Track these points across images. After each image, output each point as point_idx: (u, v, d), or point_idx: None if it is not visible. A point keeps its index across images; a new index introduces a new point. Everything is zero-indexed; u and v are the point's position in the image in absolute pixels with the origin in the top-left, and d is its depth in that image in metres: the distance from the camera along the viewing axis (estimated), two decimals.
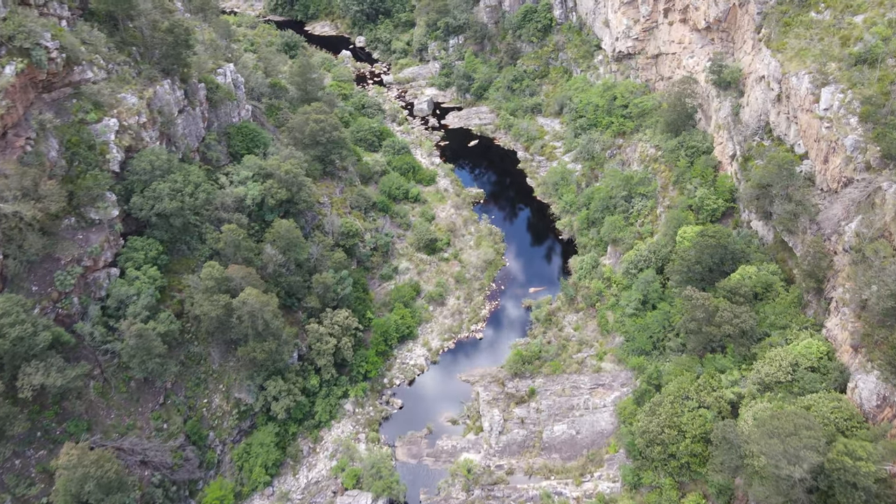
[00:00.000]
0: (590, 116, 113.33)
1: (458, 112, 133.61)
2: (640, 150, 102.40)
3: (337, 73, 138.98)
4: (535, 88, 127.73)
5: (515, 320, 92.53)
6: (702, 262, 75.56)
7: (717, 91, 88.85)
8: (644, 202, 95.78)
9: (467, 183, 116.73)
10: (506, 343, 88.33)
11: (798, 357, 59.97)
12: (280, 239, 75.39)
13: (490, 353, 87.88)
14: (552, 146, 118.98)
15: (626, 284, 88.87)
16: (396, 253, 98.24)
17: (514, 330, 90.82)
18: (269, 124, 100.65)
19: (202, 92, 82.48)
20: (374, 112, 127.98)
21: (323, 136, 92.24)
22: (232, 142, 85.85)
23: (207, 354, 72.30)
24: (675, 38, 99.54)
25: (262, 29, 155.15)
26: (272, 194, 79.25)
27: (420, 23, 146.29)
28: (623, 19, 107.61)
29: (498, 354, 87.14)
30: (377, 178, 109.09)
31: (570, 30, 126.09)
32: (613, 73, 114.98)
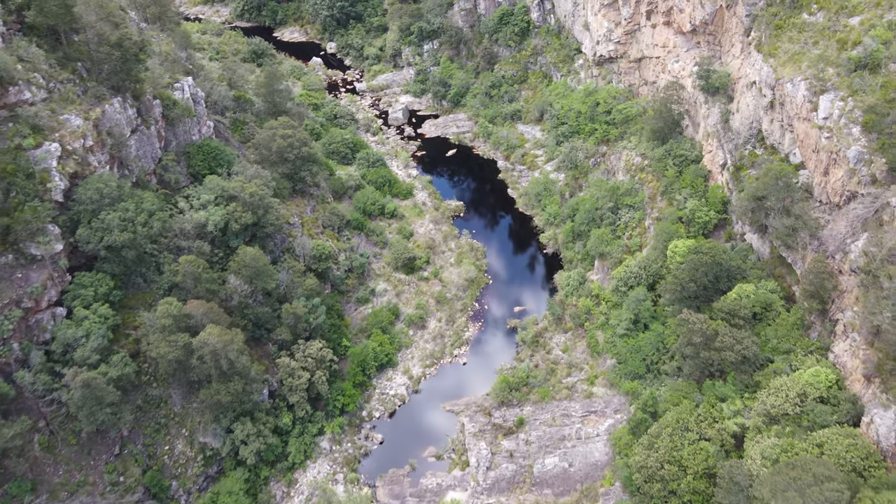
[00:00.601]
0: (572, 123, 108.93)
1: (434, 120, 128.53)
2: (626, 159, 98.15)
3: (307, 81, 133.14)
4: (513, 94, 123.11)
5: (501, 342, 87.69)
6: (696, 281, 71.29)
7: (705, 97, 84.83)
8: (631, 214, 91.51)
9: (446, 195, 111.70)
10: (491, 368, 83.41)
11: (805, 387, 55.82)
12: (245, 268, 69.69)
13: (475, 379, 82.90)
14: (533, 154, 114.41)
15: (615, 302, 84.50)
16: (373, 274, 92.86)
17: (499, 353, 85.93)
18: (234, 140, 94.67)
19: (157, 109, 76.42)
20: (347, 122, 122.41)
21: (291, 153, 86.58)
22: (192, 161, 79.85)
23: (168, 397, 66.38)
24: (659, 42, 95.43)
25: (228, 36, 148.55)
26: (236, 219, 73.49)
27: (393, 27, 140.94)
28: (603, 22, 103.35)
29: (483, 380, 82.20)
30: (351, 193, 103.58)
31: (548, 33, 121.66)
32: (595, 77, 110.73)
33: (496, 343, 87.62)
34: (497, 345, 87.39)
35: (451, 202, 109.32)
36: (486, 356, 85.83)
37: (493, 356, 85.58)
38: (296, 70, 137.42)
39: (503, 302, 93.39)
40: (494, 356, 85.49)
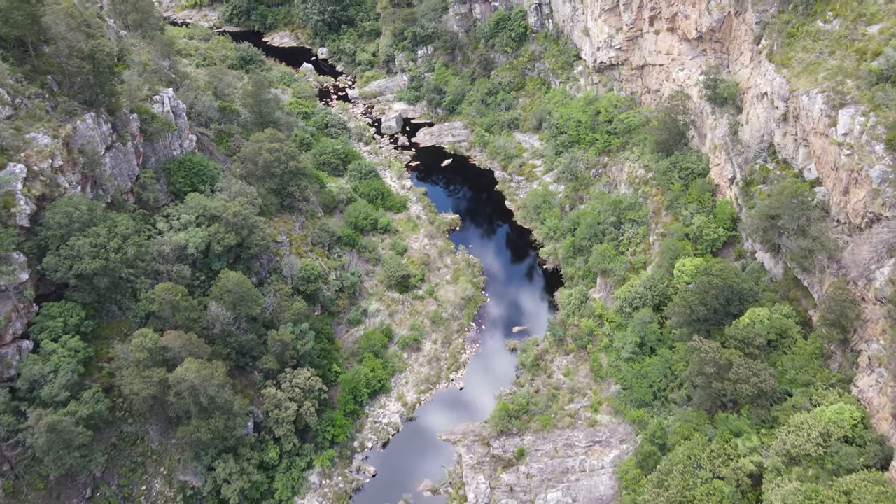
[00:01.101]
0: (571, 133, 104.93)
1: (429, 128, 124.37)
2: (628, 171, 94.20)
3: (298, 88, 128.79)
4: (511, 102, 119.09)
5: (499, 365, 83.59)
6: (706, 304, 67.34)
7: (713, 108, 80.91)
8: (635, 229, 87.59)
9: (442, 207, 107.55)
10: (490, 393, 79.35)
11: (829, 425, 51.89)
12: (228, 294, 65.45)
13: (472, 405, 78.81)
14: (532, 165, 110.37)
15: (619, 323, 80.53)
16: (365, 293, 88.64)
17: (498, 377, 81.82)
18: (219, 153, 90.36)
19: (135, 124, 72.14)
20: (339, 131, 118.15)
21: (278, 168, 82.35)
22: (173, 178, 75.56)
23: (145, 433, 62.11)
24: (663, 49, 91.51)
25: (216, 42, 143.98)
26: (219, 240, 69.25)
27: (386, 32, 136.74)
28: (604, 28, 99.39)
29: (481, 406, 78.13)
30: (343, 206, 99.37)
31: (546, 38, 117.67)
32: (595, 85, 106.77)
33: (494, 366, 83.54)
34: (495, 368, 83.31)
35: (447, 215, 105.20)
36: (484, 380, 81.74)
37: (492, 380, 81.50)
38: (286, 77, 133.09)
39: (501, 321, 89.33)
40: (493, 380, 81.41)
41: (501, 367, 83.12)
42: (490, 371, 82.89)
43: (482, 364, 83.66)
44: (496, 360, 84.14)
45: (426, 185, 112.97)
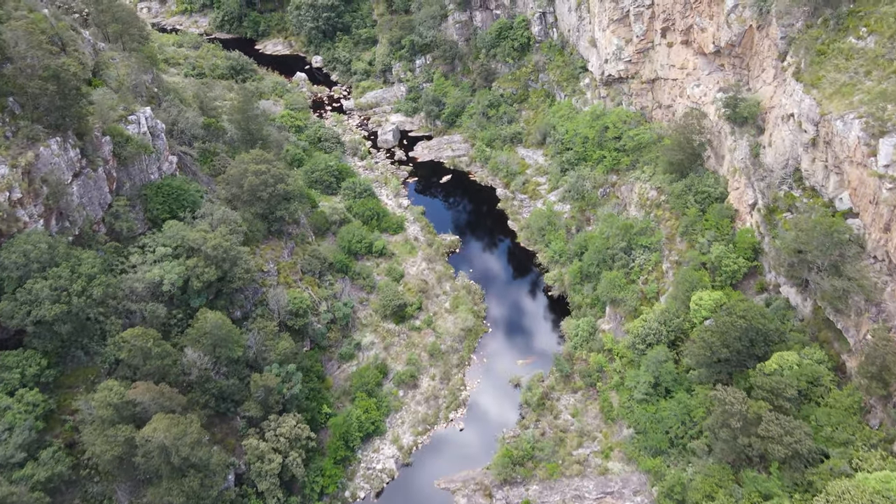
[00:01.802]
0: (578, 149, 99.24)
1: (427, 142, 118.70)
2: (639, 192, 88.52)
3: (290, 100, 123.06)
4: (513, 115, 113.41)
5: (502, 402, 77.92)
6: (728, 345, 61.76)
7: (732, 127, 75.26)
8: (647, 255, 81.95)
9: (441, 228, 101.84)
10: (492, 434, 73.68)
11: (874, 496, 46.23)
12: (206, 336, 59.77)
13: (473, 448, 73.10)
14: (535, 182, 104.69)
15: (631, 358, 74.91)
16: (359, 324, 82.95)
17: (500, 416, 76.16)
18: (203, 174, 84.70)
19: (107, 147, 66.44)
20: (332, 146, 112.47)
21: (265, 191, 76.66)
22: (150, 205, 69.86)
23: (112, 493, 56.32)
24: (676, 63, 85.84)
25: (206, 50, 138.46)
26: (197, 275, 63.56)
27: (382, 40, 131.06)
28: (613, 39, 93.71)
29: (483, 450, 72.43)
30: (335, 228, 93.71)
31: (551, 49, 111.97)
32: (603, 98, 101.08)
33: (497, 403, 77.86)
34: (498, 406, 77.63)
35: (446, 236, 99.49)
36: (485, 420, 76.06)
37: (494, 420, 75.84)
38: (278, 87, 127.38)
39: (504, 354, 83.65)
40: (495, 420, 75.76)
41: (504, 406, 77.46)
42: (492, 410, 77.22)
43: (484, 402, 77.97)
44: (499, 398, 78.45)
45: (424, 202, 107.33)
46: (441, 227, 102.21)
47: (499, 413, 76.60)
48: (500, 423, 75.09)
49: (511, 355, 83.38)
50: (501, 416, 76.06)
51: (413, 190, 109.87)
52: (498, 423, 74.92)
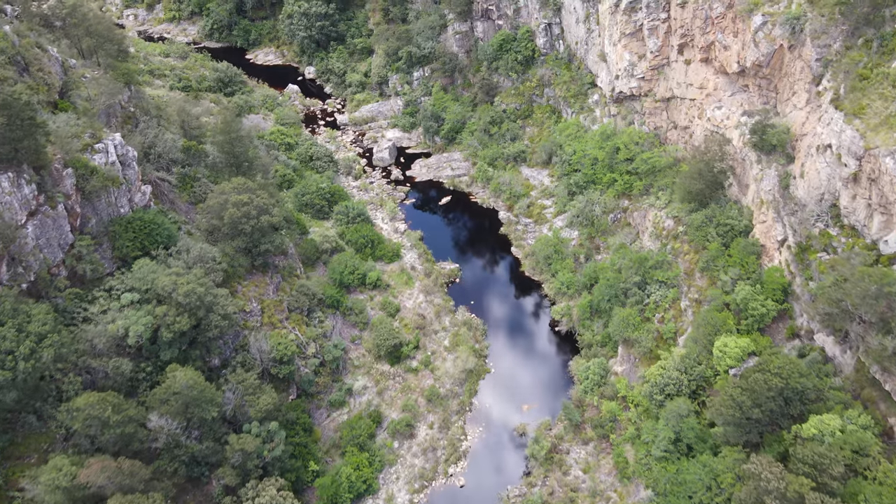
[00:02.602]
0: (586, 171, 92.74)
1: (425, 160, 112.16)
2: (654, 220, 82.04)
3: (281, 114, 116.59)
4: (516, 132, 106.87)
5: (506, 454, 71.43)
6: (760, 406, 55.26)
7: (758, 155, 68.79)
8: (663, 291, 75.46)
9: (439, 254, 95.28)
10: (495, 491, 67.20)
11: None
12: (176, 396, 53.21)
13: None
14: (541, 206, 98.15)
15: (647, 407, 68.44)
16: (350, 366, 76.43)
17: (504, 470, 69.70)
18: (182, 202, 78.20)
19: (69, 181, 59.86)
20: (325, 165, 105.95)
21: (247, 224, 70.11)
22: (118, 242, 63.29)
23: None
24: (695, 81, 79.32)
25: (193, 60, 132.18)
26: (168, 325, 57.03)
27: (378, 51, 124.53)
28: (624, 54, 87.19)
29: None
30: (327, 257, 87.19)
31: (557, 62, 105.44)
32: (613, 116, 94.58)
33: (501, 455, 71.36)
34: (502, 457, 71.12)
35: (445, 264, 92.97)
36: (488, 474, 69.55)
37: (498, 474, 69.38)
38: (268, 101, 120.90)
39: (508, 397, 77.10)
40: (499, 475, 69.28)
41: (509, 458, 70.96)
42: (495, 462, 70.71)
43: (486, 453, 71.46)
44: (502, 449, 71.94)
45: (422, 225, 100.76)
46: (440, 253, 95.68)
47: (503, 467, 70.13)
48: (504, 478, 68.64)
49: (516, 399, 76.85)
50: (506, 471, 69.59)
51: (410, 212, 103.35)
52: (502, 479, 68.48)
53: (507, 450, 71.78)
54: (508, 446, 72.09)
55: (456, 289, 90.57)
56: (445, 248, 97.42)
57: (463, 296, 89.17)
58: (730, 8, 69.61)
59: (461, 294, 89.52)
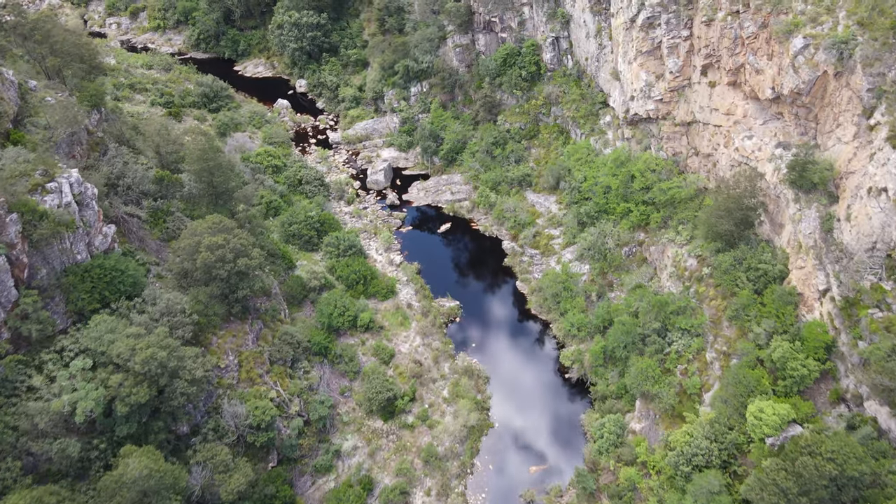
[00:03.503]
0: (598, 200, 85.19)
1: (423, 182, 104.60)
2: (674, 258, 74.55)
3: (269, 132, 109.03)
4: (521, 153, 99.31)
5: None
6: (810, 494, 47.77)
7: (795, 193, 61.27)
8: (686, 340, 67.98)
9: (438, 289, 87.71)
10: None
11: None
12: (129, 487, 45.62)
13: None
14: (548, 235, 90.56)
15: (671, 475, 60.91)
16: (339, 422, 68.88)
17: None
18: (153, 239, 70.68)
19: (14, 228, 52.29)
20: (315, 189, 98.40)
21: (222, 269, 62.53)
22: (73, 295, 55.74)
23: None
24: (721, 107, 71.80)
25: (178, 72, 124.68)
26: (123, 398, 49.49)
27: (374, 64, 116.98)
28: (641, 73, 79.68)
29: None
30: (315, 296, 79.65)
31: (565, 79, 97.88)
32: (627, 140, 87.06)
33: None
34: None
35: (444, 301, 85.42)
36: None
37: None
38: (255, 117, 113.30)
39: (514, 457, 69.60)
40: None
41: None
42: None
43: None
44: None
45: (419, 256, 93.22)
46: (438, 287, 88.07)
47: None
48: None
49: (522, 459, 69.34)
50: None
51: (407, 241, 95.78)
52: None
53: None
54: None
55: (456, 329, 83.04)
56: (444, 281, 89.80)
57: (463, 337, 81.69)
58: (764, 28, 62.09)
59: (462, 335, 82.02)
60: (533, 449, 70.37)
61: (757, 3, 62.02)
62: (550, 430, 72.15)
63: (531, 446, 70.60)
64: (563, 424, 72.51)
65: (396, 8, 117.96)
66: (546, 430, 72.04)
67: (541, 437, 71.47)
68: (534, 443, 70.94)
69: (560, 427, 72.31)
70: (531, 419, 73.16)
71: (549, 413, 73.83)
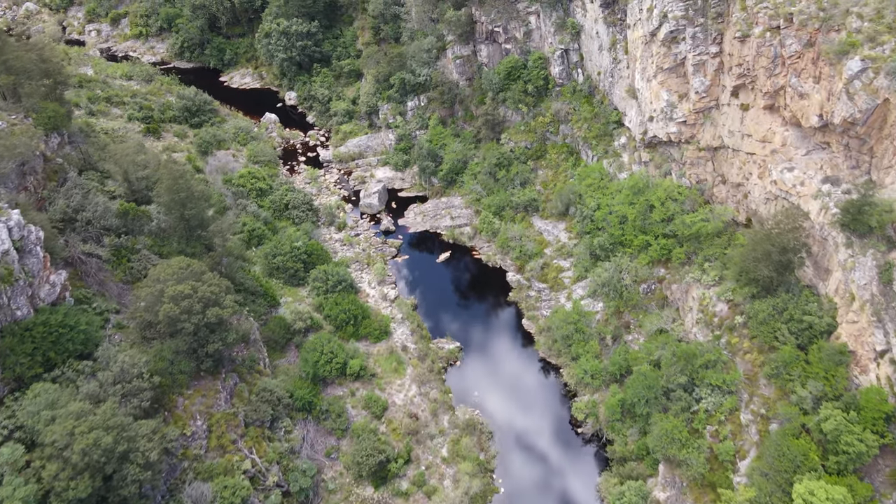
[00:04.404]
0: (613, 232, 77.26)
1: (421, 205, 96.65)
2: (701, 301, 66.63)
3: (255, 150, 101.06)
4: (526, 175, 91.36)
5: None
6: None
7: (847, 237, 53.37)
8: (717, 398, 60.09)
9: (436, 328, 79.90)
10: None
11: None
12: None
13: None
14: (557, 267, 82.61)
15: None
16: (324, 490, 60.85)
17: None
18: (114, 282, 62.73)
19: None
20: (303, 215, 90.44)
21: (188, 322, 54.53)
22: (10, 359, 47.78)
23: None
24: (755, 132, 63.87)
25: (159, 83, 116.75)
26: (59, 493, 41.47)
27: (368, 76, 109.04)
28: (661, 92, 71.79)
29: None
30: (300, 338, 71.75)
31: (575, 95, 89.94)
32: (644, 164, 79.16)
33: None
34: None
35: (443, 342, 77.49)
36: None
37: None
38: (241, 133, 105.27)
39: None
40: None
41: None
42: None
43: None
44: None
45: (416, 287, 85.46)
46: (437, 325, 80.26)
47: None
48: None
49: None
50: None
51: (402, 272, 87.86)
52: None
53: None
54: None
55: (456, 374, 75.11)
56: (443, 318, 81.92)
57: (464, 384, 73.77)
58: (810, 46, 54.15)
59: (462, 381, 74.09)
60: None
61: (802, 18, 54.08)
62: (562, 497, 64.13)
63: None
64: (576, 489, 64.52)
65: (392, 15, 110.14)
66: (557, 498, 64.02)
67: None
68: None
69: (574, 493, 64.31)
70: (542, 482, 65.17)
71: (561, 475, 65.83)
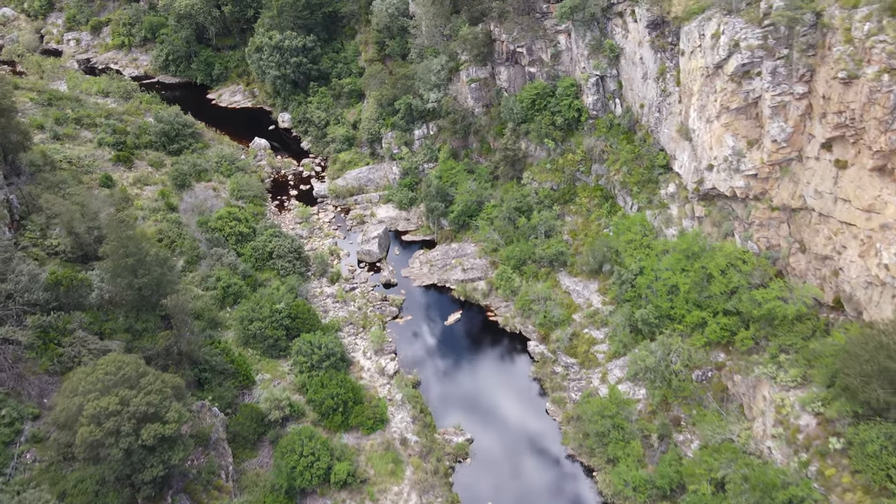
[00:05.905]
0: (660, 303, 63.42)
1: (427, 253, 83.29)
2: (777, 405, 52.75)
3: (239, 184, 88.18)
4: (552, 223, 77.72)
5: None
6: None
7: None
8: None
9: (441, 410, 66.54)
10: None
11: None
12: None
13: None
14: (589, 339, 68.94)
15: None
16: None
17: None
18: (35, 376, 49.84)
19: None
20: (290, 265, 77.30)
21: (116, 448, 41.40)
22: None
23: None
24: (857, 198, 49.92)
25: (138, 101, 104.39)
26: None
27: (370, 99, 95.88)
28: (726, 137, 58.04)
29: None
30: (276, 432, 58.65)
31: (612, 130, 76.23)
32: (699, 219, 65.36)
33: None
34: None
35: (451, 434, 63.99)
36: None
37: None
38: (224, 163, 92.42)
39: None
40: None
41: None
42: None
43: None
44: None
45: (419, 357, 72.17)
46: (443, 407, 66.91)
47: None
48: None
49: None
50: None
51: (404, 335, 74.53)
52: None
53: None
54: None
55: (465, 473, 61.53)
56: (451, 398, 68.42)
57: (476, 490, 60.13)
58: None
59: (472, 486, 60.46)
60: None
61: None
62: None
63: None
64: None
65: (399, 29, 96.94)
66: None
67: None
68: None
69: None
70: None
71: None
